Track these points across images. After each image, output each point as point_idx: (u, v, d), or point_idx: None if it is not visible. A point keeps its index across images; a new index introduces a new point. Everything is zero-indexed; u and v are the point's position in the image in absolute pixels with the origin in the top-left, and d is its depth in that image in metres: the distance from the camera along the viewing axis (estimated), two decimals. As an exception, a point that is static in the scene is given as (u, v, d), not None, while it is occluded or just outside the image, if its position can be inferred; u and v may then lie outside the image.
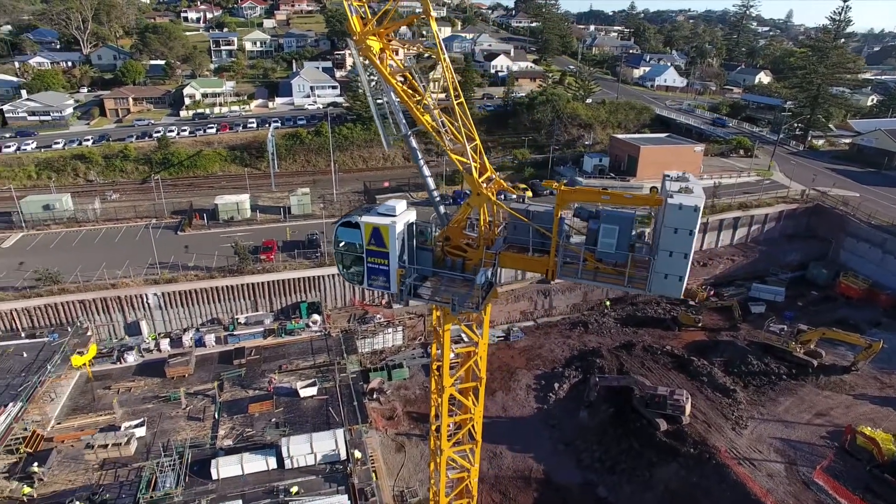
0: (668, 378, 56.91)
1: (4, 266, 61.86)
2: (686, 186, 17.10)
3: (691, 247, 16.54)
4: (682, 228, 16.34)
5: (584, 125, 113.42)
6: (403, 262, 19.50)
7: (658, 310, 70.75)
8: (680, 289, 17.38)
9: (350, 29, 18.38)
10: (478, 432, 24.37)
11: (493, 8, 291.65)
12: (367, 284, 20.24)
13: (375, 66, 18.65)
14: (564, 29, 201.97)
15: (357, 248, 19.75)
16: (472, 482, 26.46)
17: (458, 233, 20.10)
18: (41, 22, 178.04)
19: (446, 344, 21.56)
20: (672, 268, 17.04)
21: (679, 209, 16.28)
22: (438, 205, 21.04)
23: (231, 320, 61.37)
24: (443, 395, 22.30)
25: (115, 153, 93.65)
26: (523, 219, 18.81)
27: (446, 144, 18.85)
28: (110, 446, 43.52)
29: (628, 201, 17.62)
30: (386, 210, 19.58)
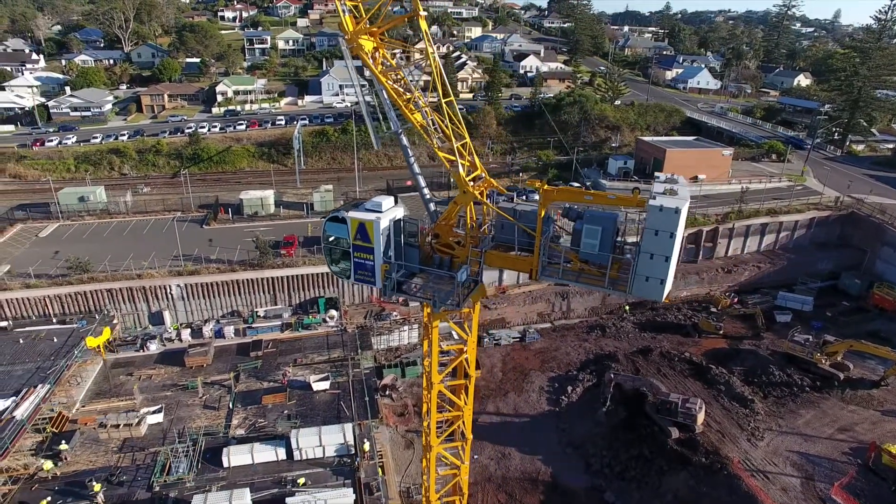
0: (683, 385, 55.88)
1: (40, 255, 64.60)
2: (671, 188, 16.83)
3: (672, 250, 16.26)
4: (663, 230, 16.10)
5: (611, 127, 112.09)
6: (389, 257, 19.77)
7: (678, 316, 69.51)
8: (661, 292, 17.12)
9: (342, 28, 18.71)
10: (468, 430, 24.47)
11: (527, 8, 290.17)
12: (353, 279, 20.58)
13: (367, 64, 18.94)
14: (596, 29, 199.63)
15: (344, 243, 20.13)
16: (463, 480, 26.57)
17: (446, 230, 20.26)
18: (88, 22, 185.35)
19: (434, 340, 21.75)
20: (653, 270, 16.79)
21: (660, 211, 16.05)
22: (429, 202, 21.23)
23: (250, 313, 62.71)
24: (431, 392, 22.46)
25: (149, 148, 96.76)
26: (509, 217, 18.84)
27: (434, 143, 19.02)
28: (122, 426, 45.43)
29: (611, 202, 17.46)
30: (372, 206, 19.89)
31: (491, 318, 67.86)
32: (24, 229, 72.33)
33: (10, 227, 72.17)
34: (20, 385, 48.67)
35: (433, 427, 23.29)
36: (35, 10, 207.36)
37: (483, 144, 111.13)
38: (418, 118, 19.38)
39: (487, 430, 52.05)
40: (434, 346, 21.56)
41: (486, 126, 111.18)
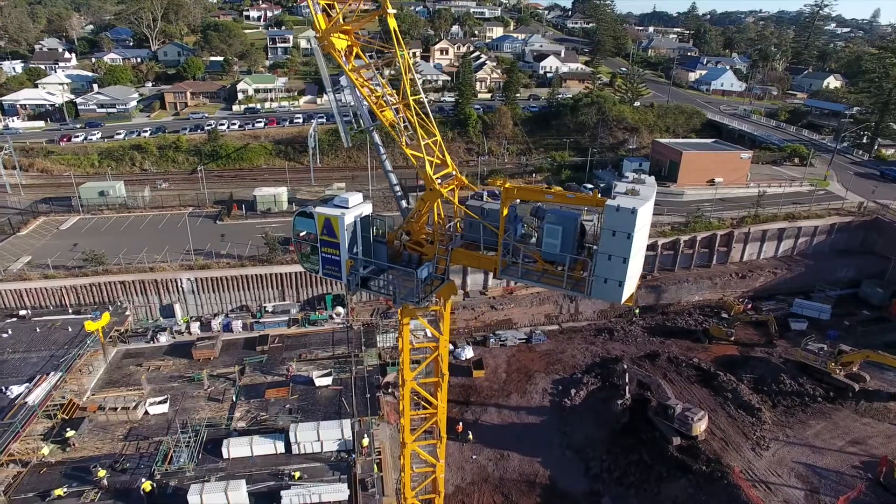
0: (689, 392, 54.99)
1: (60, 246, 66.61)
2: (633, 188, 16.56)
3: (630, 251, 15.96)
4: (620, 231, 15.83)
5: (629, 129, 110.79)
6: (356, 253, 19.91)
7: (689, 321, 68.45)
8: (620, 294, 16.87)
9: (314, 27, 18.92)
10: (442, 429, 24.48)
11: (550, 8, 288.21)
12: (322, 273, 20.79)
13: (339, 62, 19.12)
14: (619, 30, 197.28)
15: (312, 238, 20.36)
16: (439, 478, 26.59)
17: (416, 228, 20.33)
18: (118, 21, 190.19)
19: (405, 337, 21.84)
20: (611, 272, 16.53)
21: (616, 211, 15.78)
22: (400, 199, 21.33)
23: (259, 308, 63.61)
24: (404, 389, 22.56)
25: (169, 144, 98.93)
26: (473, 215, 18.81)
27: (403, 140, 19.12)
28: (119, 409, 46.95)
29: (570, 201, 17.27)
30: (340, 202, 20.06)
31: (497, 318, 67.70)
32: (46, 222, 74.66)
33: (34, 220, 74.57)
34: (34, 372, 50.24)
35: (407, 424, 23.41)
36: (72, 10, 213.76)
37: (499, 145, 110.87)
38: (388, 115, 19.49)
39: (488, 430, 52.02)
40: (405, 344, 21.67)
41: (501, 126, 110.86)
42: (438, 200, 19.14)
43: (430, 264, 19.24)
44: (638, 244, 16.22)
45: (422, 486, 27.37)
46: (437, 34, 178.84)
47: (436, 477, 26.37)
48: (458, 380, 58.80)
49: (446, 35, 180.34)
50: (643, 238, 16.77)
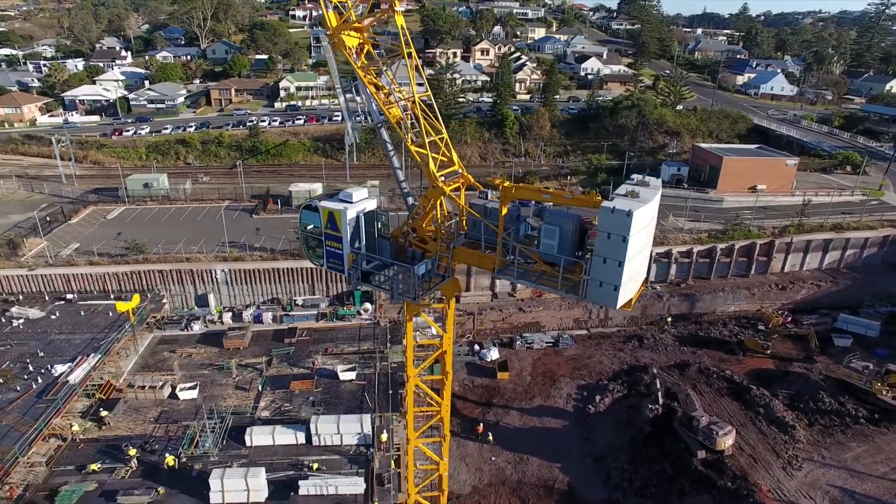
0: (718, 404, 53.26)
1: (105, 235, 69.74)
2: (633, 190, 16.09)
3: (625, 254, 15.50)
4: (616, 234, 15.40)
5: (670, 132, 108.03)
6: (358, 248, 20.10)
7: (723, 331, 66.30)
8: (615, 299, 16.41)
9: (325, 24, 19.20)
10: (446, 427, 24.45)
11: (595, 9, 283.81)
12: (326, 266, 21.07)
13: (349, 59, 19.35)
14: (664, 32, 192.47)
15: (317, 232, 20.67)
16: (443, 476, 26.55)
17: (421, 225, 20.36)
18: (171, 21, 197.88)
19: (409, 333, 21.90)
20: (606, 275, 16.09)
21: (612, 213, 15.37)
22: (407, 196, 21.41)
23: (289, 301, 64.95)
24: (408, 385, 22.65)
25: (212, 139, 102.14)
26: (475, 214, 18.69)
27: (408, 138, 19.19)
28: (147, 388, 49.12)
29: (568, 201, 16.93)
30: (344, 196, 20.33)
31: (525, 320, 67.18)
32: (95, 211, 78.33)
33: (84, 209, 78.35)
34: (77, 352, 52.76)
35: (410, 421, 23.50)
36: (131, 10, 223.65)
37: (535, 146, 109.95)
38: (395, 112, 19.61)
39: (509, 433, 51.68)
40: (409, 340, 21.76)
41: (539, 128, 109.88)
42: (442, 198, 19.18)
43: (428, 261, 19.30)
44: (636, 248, 15.76)
45: (425, 483, 27.42)
46: (479, 34, 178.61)
47: (440, 475, 26.37)
48: (482, 381, 58.69)
49: (488, 35, 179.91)
50: (643, 242, 16.27)
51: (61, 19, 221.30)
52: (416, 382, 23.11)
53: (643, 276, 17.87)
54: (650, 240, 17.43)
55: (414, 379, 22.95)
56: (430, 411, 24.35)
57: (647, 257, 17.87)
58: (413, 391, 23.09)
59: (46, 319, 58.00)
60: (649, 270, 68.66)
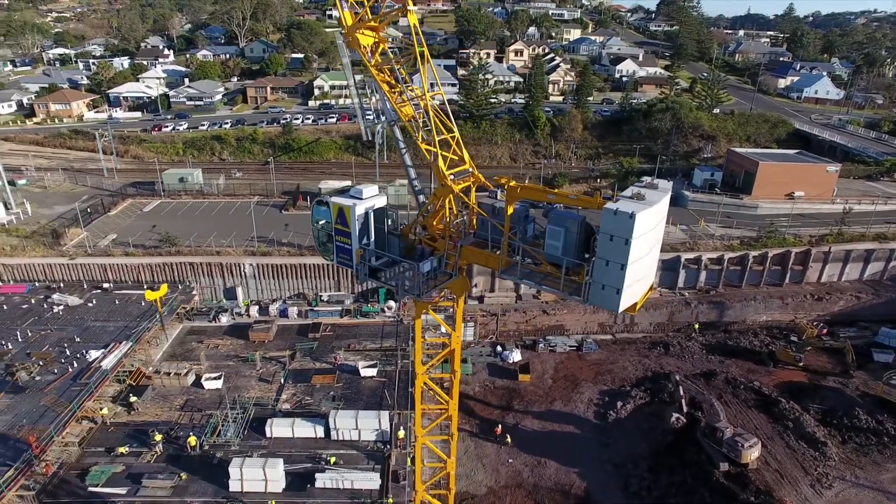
0: (745, 416, 51.75)
1: (141, 227, 72.10)
2: (639, 192, 15.74)
3: (627, 257, 15.21)
4: (618, 236, 15.11)
5: (706, 136, 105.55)
6: (367, 244, 20.30)
7: (754, 341, 64.37)
8: (617, 302, 16.10)
9: (341, 23, 19.44)
10: (454, 426, 24.42)
11: (634, 10, 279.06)
12: (336, 261, 21.33)
13: (363, 58, 19.56)
14: (703, 33, 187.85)
15: (328, 227, 20.98)
16: (451, 474, 26.53)
17: (430, 222, 20.41)
18: (212, 20, 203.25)
19: (418, 330, 21.98)
20: (609, 278, 15.80)
21: (614, 214, 15.09)
22: (418, 193, 21.50)
23: (315, 296, 65.92)
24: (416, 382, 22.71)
25: (246, 136, 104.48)
26: (482, 213, 18.65)
27: (419, 136, 19.26)
28: (172, 375, 50.73)
29: (572, 201, 16.71)
30: (354, 192, 20.57)
31: (549, 323, 66.61)
32: (132, 204, 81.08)
33: (122, 202, 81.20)
34: (110, 339, 54.74)
35: (418, 418, 23.57)
36: (176, 10, 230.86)
37: (567, 148, 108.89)
38: (407, 111, 19.74)
39: (528, 435, 51.30)
40: (418, 337, 21.84)
41: (571, 130, 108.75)
42: (451, 196, 19.21)
43: (434, 258, 19.38)
44: (640, 251, 15.44)
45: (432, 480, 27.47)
46: (513, 35, 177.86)
47: (447, 473, 26.40)
48: (503, 382, 58.44)
49: (522, 36, 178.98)
50: (648, 245, 15.93)
51: (111, 20, 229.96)
52: (425, 380, 23.23)
53: (650, 280, 17.52)
54: (658, 243, 17.07)
55: (422, 376, 23.06)
56: (439, 409, 24.39)
57: (655, 261, 17.51)
58: (421, 388, 23.17)
59: (84, 307, 60.34)
60: (677, 276, 67.32)
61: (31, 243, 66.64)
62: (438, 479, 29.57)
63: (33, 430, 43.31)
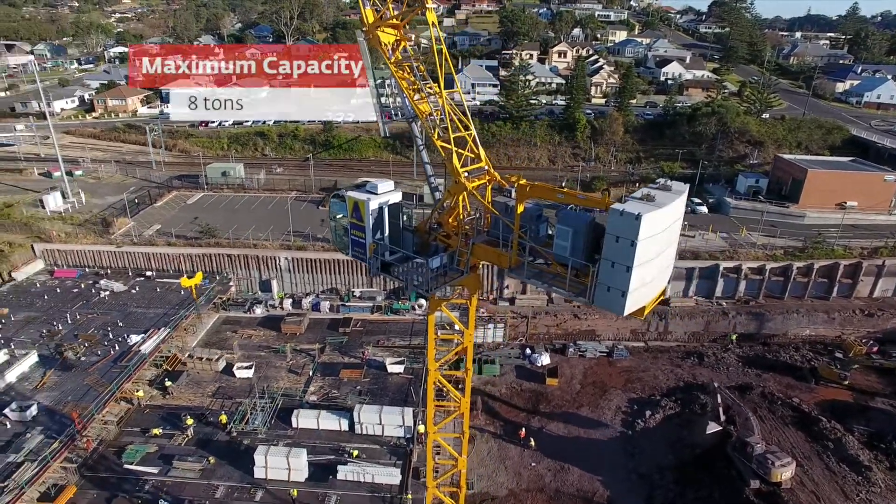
0: (781, 433, 49.71)
1: (183, 219, 74.75)
2: (649, 194, 15.29)
3: (633, 259, 14.80)
4: (624, 238, 14.73)
5: (753, 142, 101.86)
6: (380, 238, 20.50)
7: (795, 356, 61.73)
8: (622, 305, 15.70)
9: (362, 20, 19.69)
10: (465, 424, 24.34)
11: (683, 12, 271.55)
12: (351, 255, 21.62)
13: (384, 56, 19.75)
14: (756, 35, 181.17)
15: (344, 220, 21.29)
16: (461, 472, 26.45)
17: (445, 219, 20.46)
18: (261, 19, 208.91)
19: (430, 327, 22.02)
20: (614, 280, 15.41)
21: (620, 215, 14.73)
22: (435, 190, 21.57)
23: (347, 292, 66.92)
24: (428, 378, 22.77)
25: (288, 132, 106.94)
26: (494, 211, 18.53)
27: (435, 133, 19.30)
28: (204, 360, 52.77)
29: (581, 201, 16.41)
30: (370, 187, 20.81)
31: (580, 328, 65.69)
32: (177, 196, 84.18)
33: (168, 193, 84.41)
34: (150, 325, 57.00)
35: (430, 414, 23.63)
36: (228, 10, 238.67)
37: (607, 151, 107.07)
38: (424, 108, 19.83)
39: (552, 440, 50.73)
40: (430, 333, 21.91)
41: (611, 132, 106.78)
42: (465, 194, 19.20)
43: (443, 255, 19.42)
44: (648, 253, 15.02)
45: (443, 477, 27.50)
46: (557, 36, 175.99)
47: (458, 471, 26.39)
48: (530, 385, 57.96)
49: (566, 38, 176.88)
50: (658, 248, 15.48)
51: (168, 20, 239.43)
52: (437, 377, 23.30)
53: (661, 285, 17.05)
54: (671, 247, 16.60)
55: (434, 373, 23.14)
56: (451, 406, 24.42)
57: (668, 266, 17.03)
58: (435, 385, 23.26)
59: (127, 293, 63.02)
60: (715, 285, 65.26)
61: (83, 231, 70.06)
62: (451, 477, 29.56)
63: (77, 407, 45.63)
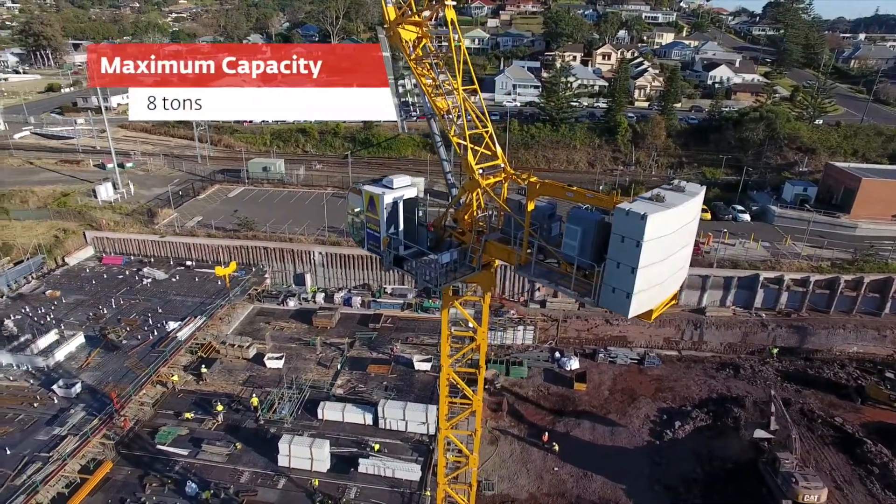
0: (820, 454, 47.58)
1: (224, 211, 77.18)
2: (658, 194, 14.85)
3: (638, 260, 14.38)
4: (629, 238, 14.36)
5: (804, 149, 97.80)
6: (394, 232, 20.68)
7: (840, 374, 58.93)
8: (626, 307, 15.29)
9: (384, 17, 19.88)
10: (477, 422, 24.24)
11: (736, 13, 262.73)
12: (366, 248, 21.89)
13: (405, 53, 19.90)
14: (813, 37, 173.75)
15: (361, 214, 21.59)
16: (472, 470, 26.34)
17: (459, 215, 20.48)
18: (308, 19, 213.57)
19: (444, 322, 22.03)
20: (619, 281, 15.03)
21: (626, 215, 14.38)
22: (452, 187, 21.61)
23: (379, 288, 67.63)
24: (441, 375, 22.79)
25: (329, 130, 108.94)
26: (505, 208, 18.41)
27: (451, 130, 19.33)
28: (235, 346, 54.34)
29: (589, 200, 16.09)
30: (386, 182, 21.06)
31: (612, 334, 64.57)
32: (219, 189, 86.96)
33: (210, 186, 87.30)
34: (187, 313, 59.07)
35: (442, 410, 23.65)
36: (278, 10, 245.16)
37: (648, 156, 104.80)
38: (441, 104, 19.91)
39: (576, 445, 50.01)
40: (444, 329, 21.94)
41: (653, 136, 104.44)
42: (478, 191, 19.17)
43: (454, 251, 19.44)
44: (655, 255, 14.59)
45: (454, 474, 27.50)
46: (602, 38, 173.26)
47: (468, 469, 26.34)
48: (558, 389, 57.32)
49: (611, 39, 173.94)
50: (667, 250, 15.03)
51: (220, 19, 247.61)
52: (450, 373, 23.34)
53: (672, 288, 16.57)
54: (683, 249, 16.09)
55: (447, 369, 23.19)
56: (463, 403, 24.44)
57: (680, 269, 16.53)
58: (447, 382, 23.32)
59: (168, 281, 65.46)
60: (754, 296, 63.00)
61: (130, 220, 73.16)
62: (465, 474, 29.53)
63: (116, 387, 47.77)
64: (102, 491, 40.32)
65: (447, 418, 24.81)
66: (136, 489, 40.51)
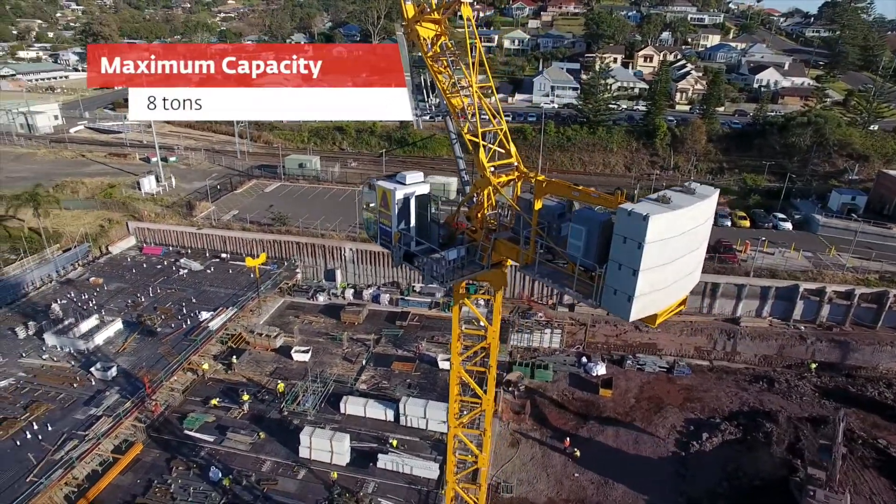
0: (859, 477, 45.39)
1: (260, 206, 79.04)
2: (664, 195, 14.34)
3: (640, 262, 13.93)
4: (631, 239, 13.91)
5: (855, 156, 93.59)
6: (405, 228, 20.74)
7: (886, 393, 56.09)
8: (627, 310, 14.80)
9: (403, 15, 19.94)
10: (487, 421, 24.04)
11: (789, 14, 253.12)
12: (378, 242, 22.02)
13: (422, 50, 19.93)
14: (872, 38, 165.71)
15: (374, 208, 21.75)
16: (482, 471, 26.14)
17: (471, 213, 20.37)
18: (350, 19, 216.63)
19: (455, 320, 21.94)
20: (621, 283, 14.58)
21: (628, 216, 13.96)
22: (466, 184, 21.49)
23: (407, 286, 68.02)
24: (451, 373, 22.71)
25: (366, 128, 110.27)
26: (515, 206, 18.18)
27: (465, 128, 19.24)
28: (263, 336, 55.55)
29: (594, 200, 15.68)
30: (399, 178, 21.16)
31: (641, 341, 63.21)
32: (256, 184, 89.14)
33: (248, 181, 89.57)
34: (220, 304, 60.75)
35: (452, 409, 23.58)
36: (322, 10, 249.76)
37: (687, 160, 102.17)
38: (456, 102, 19.85)
39: (599, 452, 49.17)
40: (455, 327, 21.88)
41: (693, 141, 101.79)
42: (490, 188, 19.04)
43: (461, 248, 19.36)
44: (658, 257, 14.10)
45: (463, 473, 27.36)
46: (644, 40, 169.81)
47: (478, 468, 26.18)
48: (583, 394, 56.48)
49: (654, 41, 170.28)
50: (673, 253, 14.50)
51: (265, 19, 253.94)
52: (460, 371, 23.26)
53: (680, 293, 16.01)
54: (693, 253, 15.53)
55: (457, 366, 23.11)
56: (473, 402, 24.32)
57: (690, 273, 15.97)
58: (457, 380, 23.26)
59: (203, 272, 67.47)
60: (793, 307, 60.62)
61: (169, 212, 75.74)
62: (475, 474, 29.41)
63: (149, 373, 49.53)
64: (132, 471, 41.87)
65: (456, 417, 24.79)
66: (163, 471, 41.91)
